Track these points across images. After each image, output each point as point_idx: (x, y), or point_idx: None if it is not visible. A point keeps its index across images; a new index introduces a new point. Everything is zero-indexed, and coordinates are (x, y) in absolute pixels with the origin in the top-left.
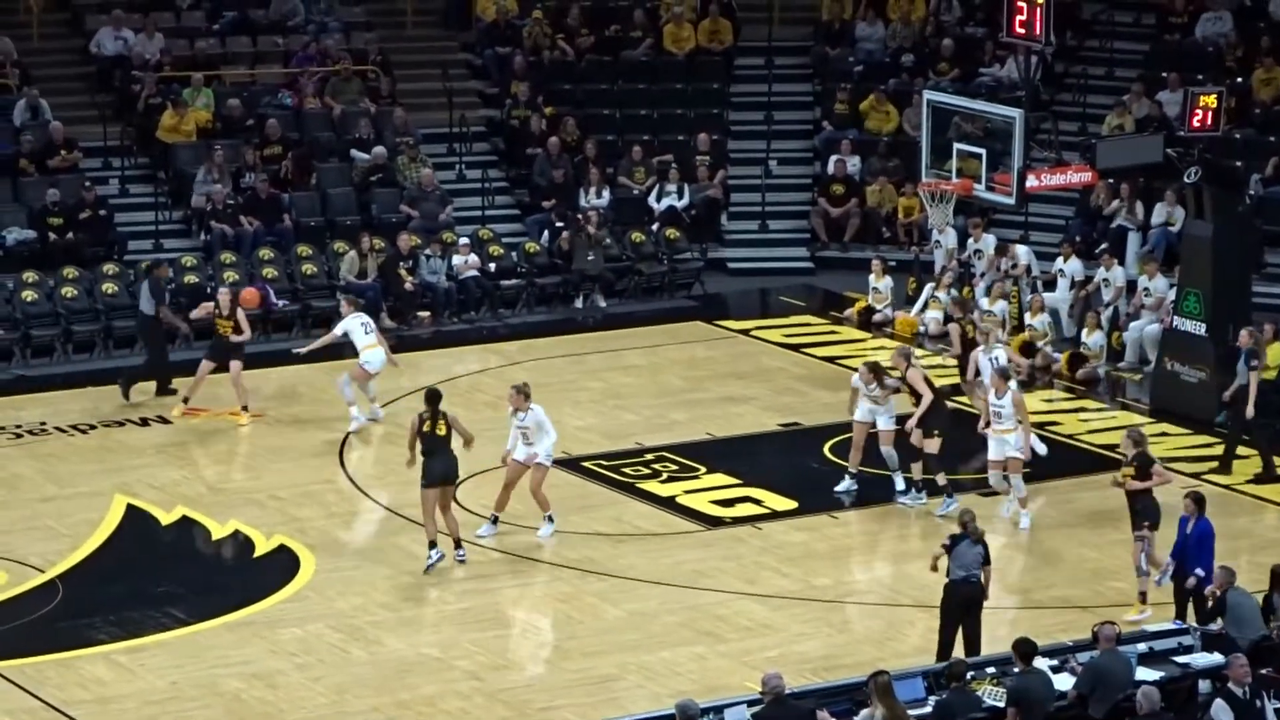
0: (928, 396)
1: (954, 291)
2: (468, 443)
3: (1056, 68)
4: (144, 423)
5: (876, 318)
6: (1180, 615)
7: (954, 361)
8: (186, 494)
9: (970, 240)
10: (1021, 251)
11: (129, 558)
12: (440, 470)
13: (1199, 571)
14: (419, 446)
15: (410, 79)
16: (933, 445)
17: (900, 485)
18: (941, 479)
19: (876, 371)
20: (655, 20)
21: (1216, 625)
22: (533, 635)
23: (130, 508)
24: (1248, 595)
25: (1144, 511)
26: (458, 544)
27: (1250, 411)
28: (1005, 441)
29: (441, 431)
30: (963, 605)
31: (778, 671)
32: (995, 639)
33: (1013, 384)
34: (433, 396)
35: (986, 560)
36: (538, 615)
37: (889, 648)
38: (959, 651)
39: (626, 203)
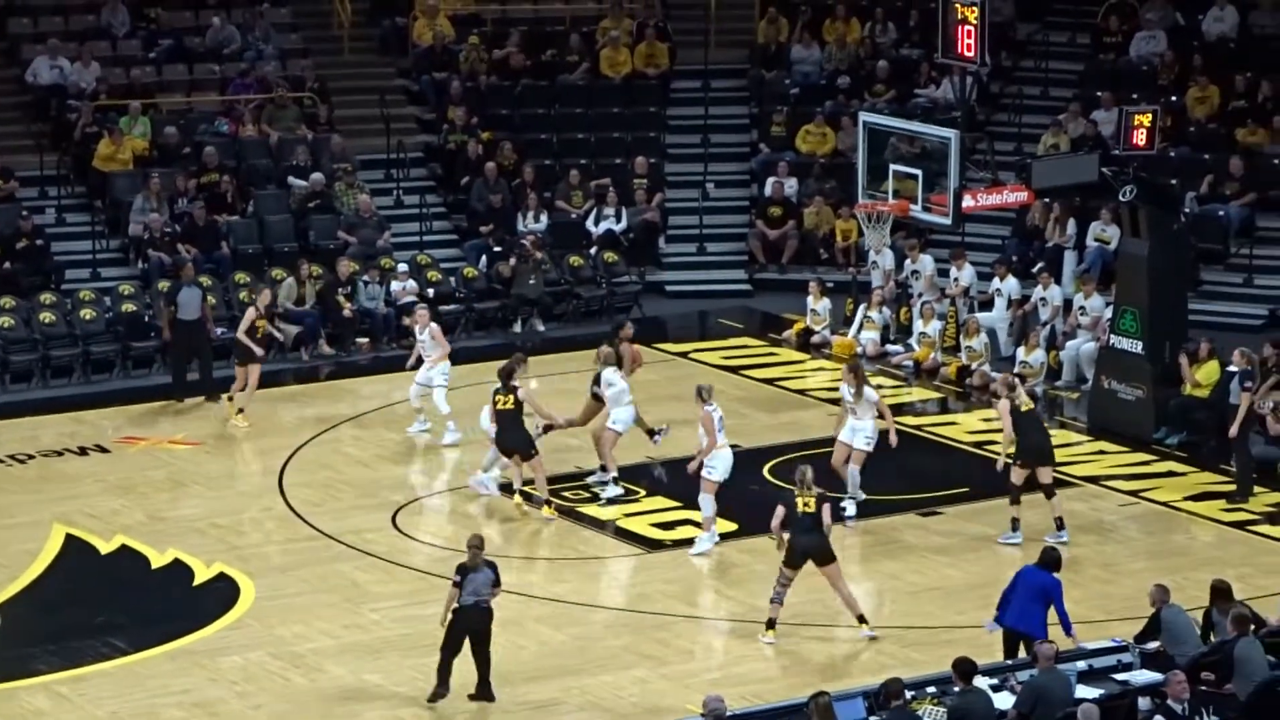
0: (1008, 430)
1: (887, 310)
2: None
3: (992, 88)
4: (83, 452)
5: (815, 339)
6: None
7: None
8: (126, 523)
9: (908, 261)
10: (965, 272)
11: (68, 587)
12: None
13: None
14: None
15: (347, 105)
16: (1018, 476)
17: (850, 510)
18: (1015, 510)
19: (857, 373)
20: (591, 45)
21: (1154, 644)
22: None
23: (69, 537)
24: (1182, 612)
25: None
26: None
27: (1234, 431)
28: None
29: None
30: (471, 630)
31: (719, 694)
32: (937, 658)
33: (710, 407)
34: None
35: (496, 583)
36: None
37: (830, 669)
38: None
39: (564, 227)
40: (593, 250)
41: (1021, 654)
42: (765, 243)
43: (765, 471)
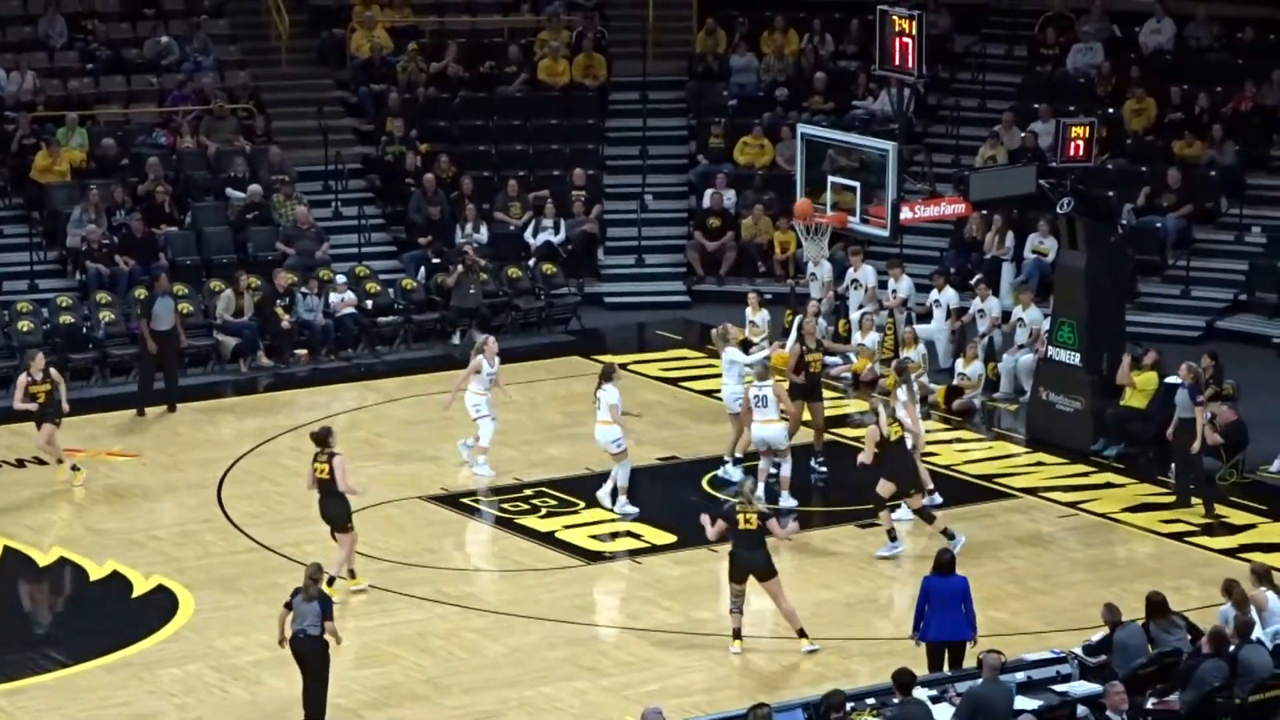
0: (867, 457)
1: (824, 321)
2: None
3: (929, 100)
4: (20, 464)
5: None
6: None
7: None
8: (64, 535)
9: (850, 270)
10: (903, 283)
11: (6, 600)
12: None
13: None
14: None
15: (285, 117)
16: (885, 489)
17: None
18: (885, 521)
19: (901, 373)
20: (530, 56)
21: (1097, 658)
22: (413, 672)
23: (7, 549)
24: (1138, 632)
25: None
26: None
27: (1196, 446)
28: None
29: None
30: (299, 659)
31: (658, 706)
32: (876, 670)
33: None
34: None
35: (327, 615)
36: (418, 652)
37: (769, 680)
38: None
39: (503, 238)
40: (531, 262)
41: (947, 665)
42: (704, 254)
43: (704, 483)
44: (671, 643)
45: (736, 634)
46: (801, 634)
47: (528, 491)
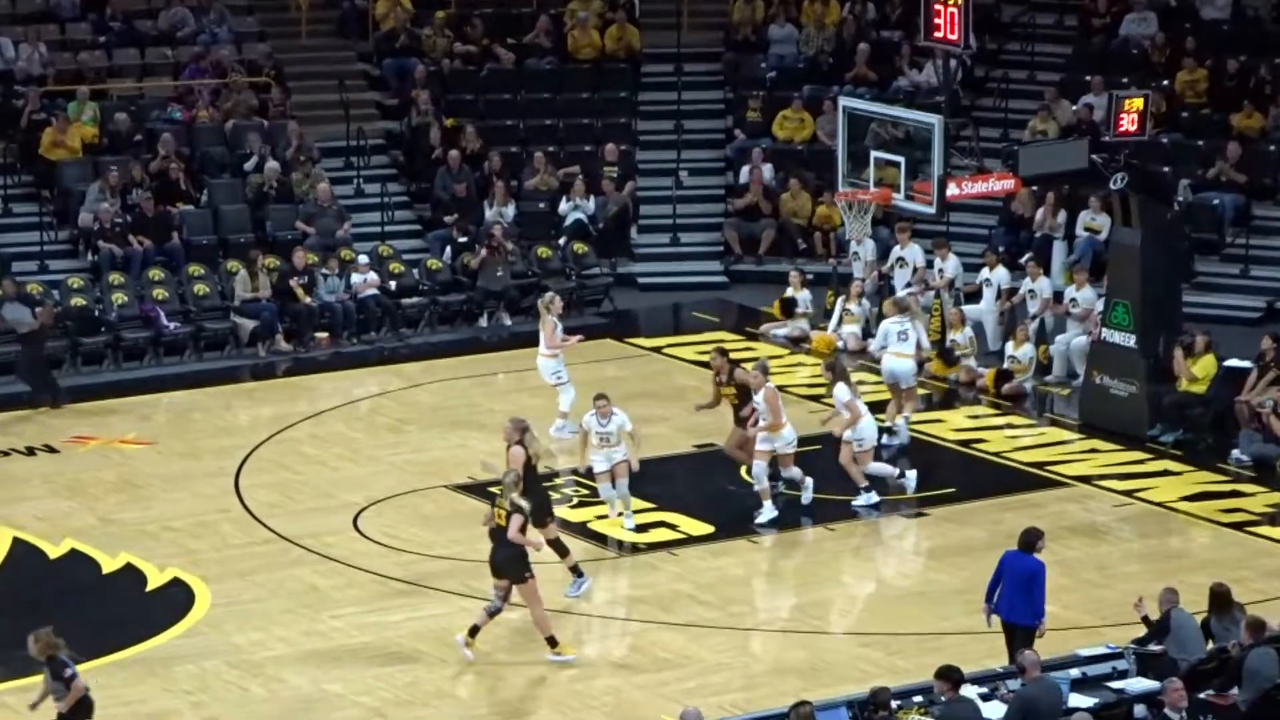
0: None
1: (867, 303)
2: None
3: (976, 72)
4: (30, 452)
5: (795, 334)
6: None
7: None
8: (75, 526)
9: (896, 247)
10: (950, 263)
11: (15, 593)
12: None
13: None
14: None
15: (305, 90)
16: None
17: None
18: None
19: (832, 370)
20: (559, 27)
21: (1158, 646)
22: (438, 668)
23: (16, 540)
24: (1190, 617)
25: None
26: None
27: None
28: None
29: None
30: None
31: (696, 707)
32: (922, 666)
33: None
34: None
35: (59, 677)
36: (443, 647)
37: (811, 677)
38: None
39: (531, 217)
40: (562, 241)
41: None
42: (741, 233)
43: (742, 471)
44: (709, 637)
45: (472, 631)
46: (471, 633)
47: (559, 480)
